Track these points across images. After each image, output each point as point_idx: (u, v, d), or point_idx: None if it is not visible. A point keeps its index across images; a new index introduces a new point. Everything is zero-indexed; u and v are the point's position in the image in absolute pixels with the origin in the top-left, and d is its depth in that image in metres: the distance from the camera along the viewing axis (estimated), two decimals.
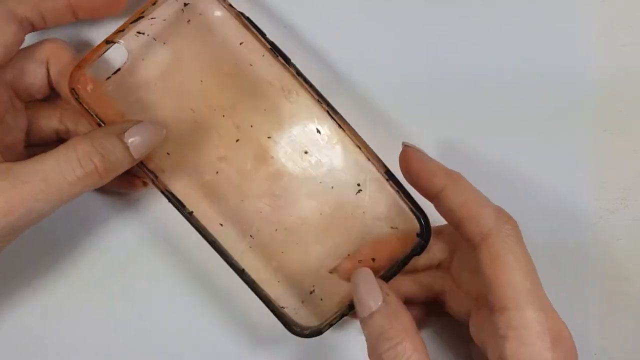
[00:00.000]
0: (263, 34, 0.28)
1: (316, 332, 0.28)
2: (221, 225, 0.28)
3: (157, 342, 0.33)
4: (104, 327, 0.33)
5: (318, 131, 0.28)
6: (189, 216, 0.28)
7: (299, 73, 0.28)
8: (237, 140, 0.28)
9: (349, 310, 0.28)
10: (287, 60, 0.28)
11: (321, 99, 0.28)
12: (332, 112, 0.27)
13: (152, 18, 0.28)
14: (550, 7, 0.33)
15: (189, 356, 0.33)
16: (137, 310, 0.33)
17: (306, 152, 0.28)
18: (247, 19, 0.28)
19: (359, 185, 0.28)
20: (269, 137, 0.28)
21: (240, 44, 0.28)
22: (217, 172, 0.28)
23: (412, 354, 0.24)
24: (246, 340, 0.33)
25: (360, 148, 0.27)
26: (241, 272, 0.28)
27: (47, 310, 0.32)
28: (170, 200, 0.28)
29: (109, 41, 0.28)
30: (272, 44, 0.28)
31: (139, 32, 0.28)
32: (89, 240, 0.33)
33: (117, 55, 0.28)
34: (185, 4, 0.28)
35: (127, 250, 0.33)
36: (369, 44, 0.33)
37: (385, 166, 0.27)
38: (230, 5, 0.28)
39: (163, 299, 0.33)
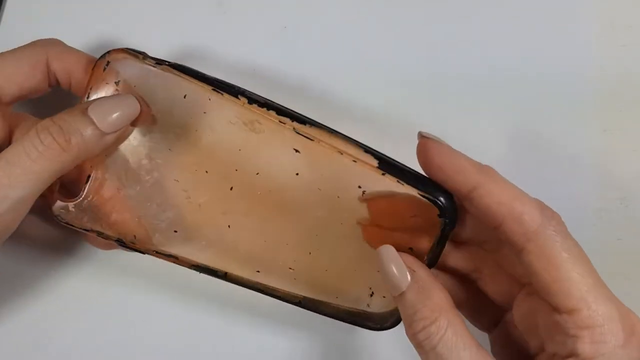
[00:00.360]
0: (199, 75, 0.26)
1: (396, 321, 0.27)
2: (258, 272, 0.28)
3: (157, 342, 0.33)
4: (104, 327, 0.33)
5: (296, 150, 0.26)
6: (225, 277, 0.28)
7: (251, 101, 0.26)
8: (231, 189, 0.27)
9: None
10: (233, 92, 0.26)
11: (284, 117, 0.26)
12: (299, 128, 0.26)
13: None
14: (550, 7, 0.33)
15: (189, 356, 0.33)
16: (138, 310, 0.33)
17: (297, 174, 0.27)
18: (177, 66, 0.26)
19: (360, 187, 0.26)
20: (257, 174, 0.27)
21: (184, 97, 0.26)
22: (228, 226, 0.27)
23: (446, 331, 0.23)
24: (246, 340, 0.33)
25: (342, 153, 0.26)
26: (299, 303, 0.28)
27: (47, 312, 0.32)
28: (201, 272, 0.27)
29: None
30: (211, 81, 0.26)
31: None
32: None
33: None
34: (117, 82, 0.26)
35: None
36: (369, 44, 0.33)
37: (378, 158, 0.26)
38: (158, 61, 0.26)
39: (163, 299, 0.33)
